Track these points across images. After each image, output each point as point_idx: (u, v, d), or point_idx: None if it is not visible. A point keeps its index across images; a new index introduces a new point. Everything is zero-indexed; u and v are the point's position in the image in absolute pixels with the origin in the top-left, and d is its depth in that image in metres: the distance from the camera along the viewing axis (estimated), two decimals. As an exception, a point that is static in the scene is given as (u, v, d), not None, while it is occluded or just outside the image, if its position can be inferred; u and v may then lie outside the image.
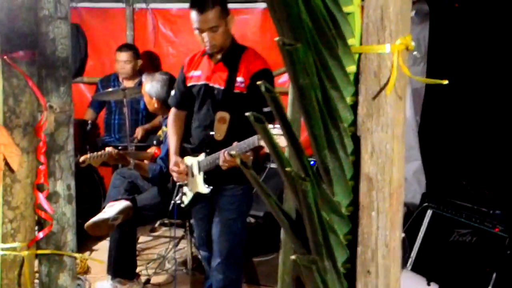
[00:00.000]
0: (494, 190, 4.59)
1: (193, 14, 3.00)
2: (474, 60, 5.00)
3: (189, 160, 3.32)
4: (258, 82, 0.92)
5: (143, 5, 5.75)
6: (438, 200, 4.04)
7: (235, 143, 2.96)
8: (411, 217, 4.14)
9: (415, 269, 3.75)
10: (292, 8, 0.83)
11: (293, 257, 0.93)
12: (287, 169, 0.92)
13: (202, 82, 3.21)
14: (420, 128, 5.07)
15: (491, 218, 3.64)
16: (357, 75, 1.19)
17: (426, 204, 4.06)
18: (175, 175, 3.34)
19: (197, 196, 3.31)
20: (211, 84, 3.17)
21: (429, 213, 4.00)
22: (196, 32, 3.06)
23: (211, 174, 3.20)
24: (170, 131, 3.43)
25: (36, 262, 2.09)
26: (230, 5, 5.28)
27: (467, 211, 3.79)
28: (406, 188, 4.86)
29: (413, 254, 3.86)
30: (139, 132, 5.12)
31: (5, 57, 1.89)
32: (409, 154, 4.87)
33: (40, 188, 1.99)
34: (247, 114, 0.95)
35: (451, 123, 5.27)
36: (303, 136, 3.35)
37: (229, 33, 3.14)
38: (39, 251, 2.03)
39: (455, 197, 4.15)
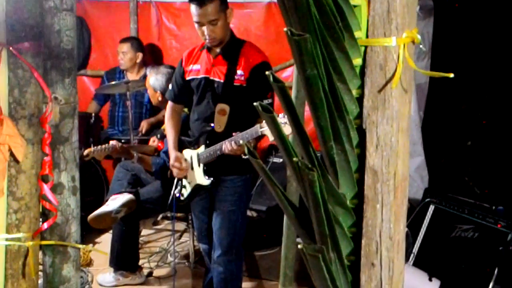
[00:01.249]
0: (496, 186, 4.60)
1: (193, 8, 3.03)
2: (478, 55, 5.00)
3: (188, 153, 3.33)
4: (267, 72, 0.92)
5: (147, -2, 5.75)
6: (440, 195, 4.04)
7: (235, 133, 2.97)
8: (414, 212, 4.14)
9: (417, 264, 3.75)
10: (301, -1, 0.83)
11: (300, 246, 0.94)
12: (294, 159, 0.93)
13: (201, 75, 3.23)
14: (424, 124, 5.08)
15: (493, 214, 3.64)
16: (363, 68, 1.20)
17: (428, 199, 4.06)
18: (175, 171, 3.35)
19: (197, 188, 3.32)
20: (211, 78, 3.19)
21: (431, 208, 4.00)
22: (196, 25, 3.08)
23: (211, 166, 3.21)
24: (168, 126, 3.44)
25: (40, 253, 2.10)
26: (235, -1, 5.31)
27: (469, 207, 3.79)
28: (408, 183, 4.90)
29: (415, 249, 3.86)
30: (143, 125, 5.12)
31: (10, 48, 1.90)
32: (412, 149, 4.87)
33: (44, 179, 1.99)
34: (255, 104, 0.95)
35: (455, 119, 5.27)
36: (307, 130, 3.36)
37: (228, 27, 3.16)
38: (44, 242, 2.03)
39: (458, 192, 4.16)
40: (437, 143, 5.25)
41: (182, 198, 3.45)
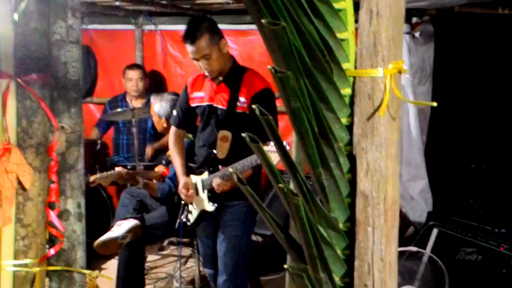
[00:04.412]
0: (500, 208, 4.61)
1: (187, 46, 3.14)
2: (480, 79, 5.06)
3: (193, 178, 3.39)
4: (254, 106, 0.98)
5: (152, 27, 5.84)
6: (443, 218, 4.06)
7: (231, 166, 3.03)
8: (417, 235, 4.16)
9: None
10: (283, 39, 0.90)
11: (285, 266, 0.99)
12: (280, 185, 0.98)
13: (206, 103, 3.30)
14: (427, 147, 5.11)
15: (496, 237, 3.66)
16: (352, 97, 1.26)
17: (432, 222, 4.08)
18: (183, 197, 3.39)
19: (203, 214, 3.37)
20: (214, 105, 3.25)
21: (435, 231, 4.02)
22: (194, 61, 3.17)
23: (216, 192, 3.26)
24: (174, 152, 3.48)
25: (47, 279, 2.14)
26: (238, 26, 5.41)
27: (472, 230, 3.81)
28: (412, 206, 4.92)
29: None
30: (148, 151, 5.17)
31: (19, 80, 1.97)
32: (416, 173, 4.89)
33: (51, 206, 2.05)
34: (243, 134, 1.01)
35: (458, 142, 5.31)
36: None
37: (226, 56, 3.22)
38: (50, 268, 2.08)
39: (462, 215, 4.18)
40: (441, 166, 5.28)
41: (188, 223, 3.49)
